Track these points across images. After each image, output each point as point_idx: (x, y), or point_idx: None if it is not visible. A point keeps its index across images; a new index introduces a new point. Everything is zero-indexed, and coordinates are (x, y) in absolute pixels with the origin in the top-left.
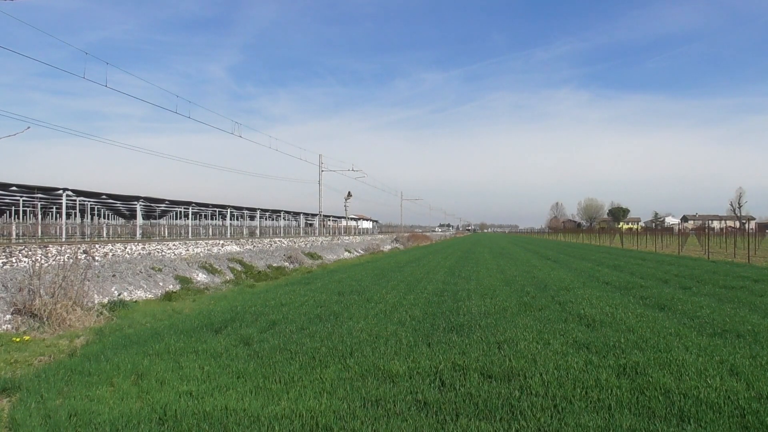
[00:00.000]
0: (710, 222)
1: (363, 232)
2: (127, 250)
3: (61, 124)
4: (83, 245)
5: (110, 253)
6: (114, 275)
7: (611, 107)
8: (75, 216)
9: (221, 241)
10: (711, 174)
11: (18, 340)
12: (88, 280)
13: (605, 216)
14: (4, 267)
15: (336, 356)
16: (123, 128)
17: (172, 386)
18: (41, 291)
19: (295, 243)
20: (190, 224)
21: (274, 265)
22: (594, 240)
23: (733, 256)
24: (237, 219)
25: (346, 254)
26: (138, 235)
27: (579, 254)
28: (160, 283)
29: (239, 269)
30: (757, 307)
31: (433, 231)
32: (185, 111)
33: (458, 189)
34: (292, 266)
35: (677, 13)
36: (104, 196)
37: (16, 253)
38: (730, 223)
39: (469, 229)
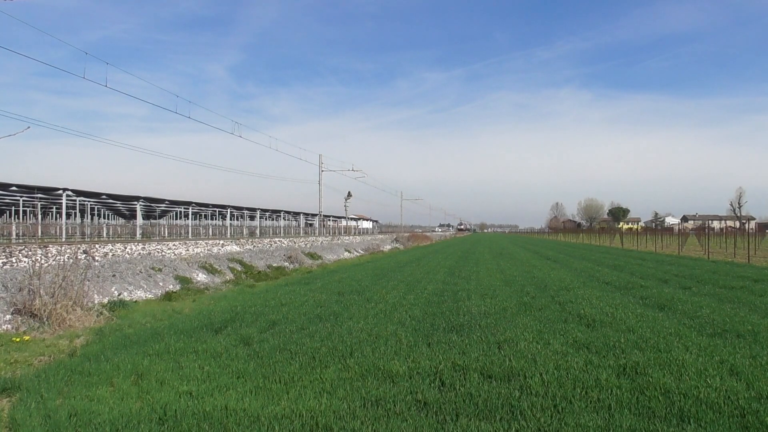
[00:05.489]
0: (710, 222)
1: (363, 232)
2: (127, 250)
3: (61, 124)
4: (83, 245)
5: (110, 253)
6: (114, 275)
7: (612, 107)
8: (75, 216)
9: (221, 241)
10: (711, 174)
11: (18, 340)
12: (88, 280)
13: (605, 216)
14: (4, 267)
15: (336, 356)
16: (123, 128)
17: (172, 386)
18: (41, 291)
19: (295, 243)
20: (190, 224)
21: (274, 265)
22: (594, 240)
23: (733, 256)
24: (237, 219)
25: (346, 254)
26: (138, 235)
27: (579, 254)
28: (160, 283)
29: (239, 269)
30: (757, 307)
31: (433, 231)
32: (185, 111)
33: (458, 189)
34: (292, 266)
35: (680, 12)
36: (104, 196)
37: (16, 253)
38: (730, 223)
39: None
